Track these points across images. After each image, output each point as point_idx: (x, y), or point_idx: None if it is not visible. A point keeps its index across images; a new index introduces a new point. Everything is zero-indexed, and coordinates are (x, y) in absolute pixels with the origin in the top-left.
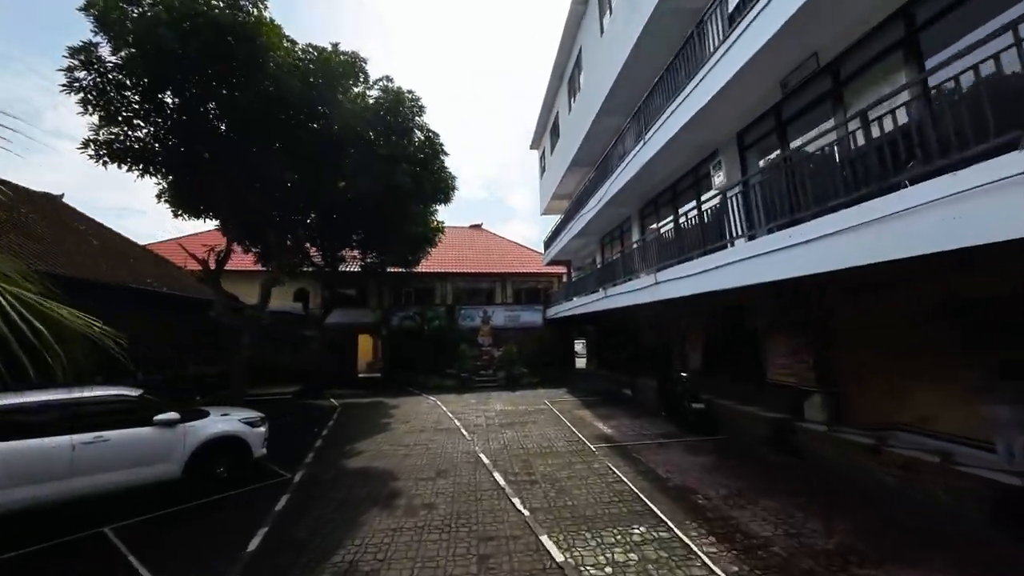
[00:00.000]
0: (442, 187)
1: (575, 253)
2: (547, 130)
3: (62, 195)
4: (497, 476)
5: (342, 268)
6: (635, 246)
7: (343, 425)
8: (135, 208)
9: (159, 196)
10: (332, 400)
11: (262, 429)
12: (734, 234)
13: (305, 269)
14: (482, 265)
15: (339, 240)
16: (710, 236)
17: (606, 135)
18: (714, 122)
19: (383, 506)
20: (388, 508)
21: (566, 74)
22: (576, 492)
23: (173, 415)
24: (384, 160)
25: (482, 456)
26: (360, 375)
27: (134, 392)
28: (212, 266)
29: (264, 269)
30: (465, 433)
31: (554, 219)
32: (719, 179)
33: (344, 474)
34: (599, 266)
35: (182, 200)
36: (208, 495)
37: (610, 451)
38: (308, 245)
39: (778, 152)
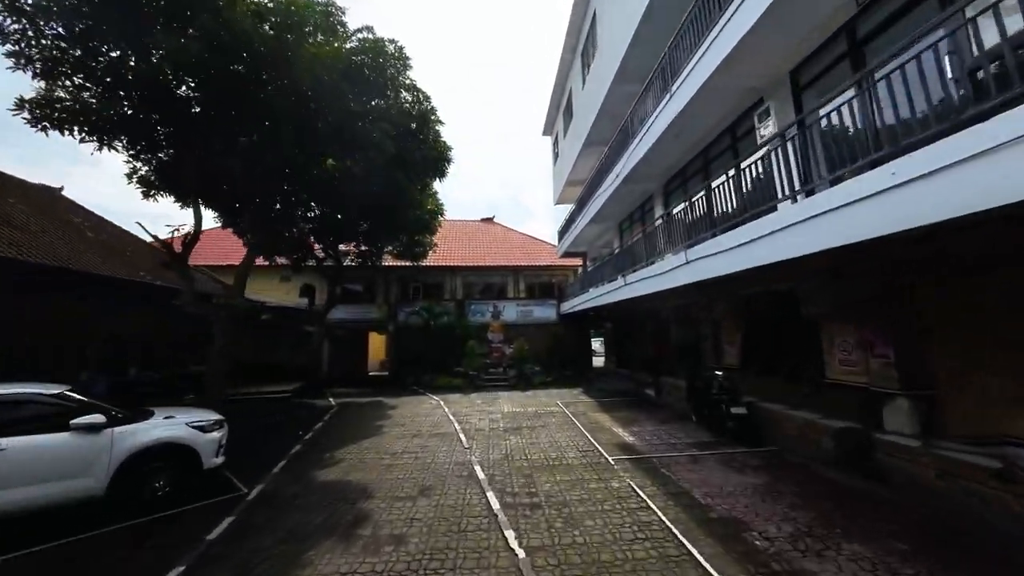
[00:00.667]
0: (434, 157)
1: (591, 243)
2: (560, 112)
3: (61, 188)
4: (491, 497)
5: (346, 263)
6: (659, 222)
7: (333, 427)
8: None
9: (129, 176)
10: (330, 399)
11: (216, 434)
12: (795, 188)
13: (308, 264)
14: (493, 258)
15: (340, 233)
16: (758, 197)
17: (623, 105)
18: (759, 57)
19: (341, 537)
20: (346, 541)
21: (579, 48)
22: (588, 523)
23: (96, 418)
24: (358, 117)
25: (477, 469)
26: (371, 373)
27: (50, 389)
28: (178, 249)
29: (269, 264)
30: (463, 439)
31: (568, 210)
32: (767, 130)
33: (310, 490)
34: (616, 251)
35: (150, 177)
36: (136, 516)
37: (632, 465)
38: (311, 239)
39: (852, 81)
